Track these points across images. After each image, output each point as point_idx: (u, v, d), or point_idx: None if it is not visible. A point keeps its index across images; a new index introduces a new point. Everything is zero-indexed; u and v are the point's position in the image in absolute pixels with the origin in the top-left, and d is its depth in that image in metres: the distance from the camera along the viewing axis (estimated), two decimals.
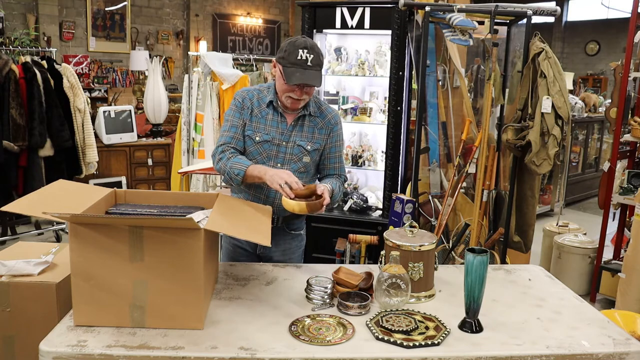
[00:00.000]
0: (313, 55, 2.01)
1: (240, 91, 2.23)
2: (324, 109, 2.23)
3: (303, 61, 2.00)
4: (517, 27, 3.40)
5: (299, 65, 2.00)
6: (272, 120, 2.15)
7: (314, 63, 2.01)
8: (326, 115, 2.21)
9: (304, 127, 2.17)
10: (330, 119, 2.22)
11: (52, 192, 1.88)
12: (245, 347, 1.50)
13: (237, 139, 2.15)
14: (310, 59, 2.00)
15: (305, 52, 2.00)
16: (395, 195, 3.12)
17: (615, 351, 1.56)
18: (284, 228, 2.26)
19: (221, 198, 1.92)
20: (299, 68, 2.00)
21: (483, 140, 3.24)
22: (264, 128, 2.15)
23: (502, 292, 1.95)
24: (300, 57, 2.00)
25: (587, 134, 7.01)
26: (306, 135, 2.18)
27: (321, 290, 1.80)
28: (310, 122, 2.18)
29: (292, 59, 2.01)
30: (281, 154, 2.16)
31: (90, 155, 4.73)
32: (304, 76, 2.01)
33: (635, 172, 3.92)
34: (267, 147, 2.15)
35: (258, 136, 2.14)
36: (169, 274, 1.57)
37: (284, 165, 2.16)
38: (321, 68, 2.08)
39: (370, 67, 3.59)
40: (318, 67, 2.04)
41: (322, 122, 2.20)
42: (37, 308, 1.83)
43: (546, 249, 4.53)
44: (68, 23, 8.54)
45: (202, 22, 10.26)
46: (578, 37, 12.71)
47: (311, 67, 2.01)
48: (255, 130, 2.15)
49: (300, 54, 2.00)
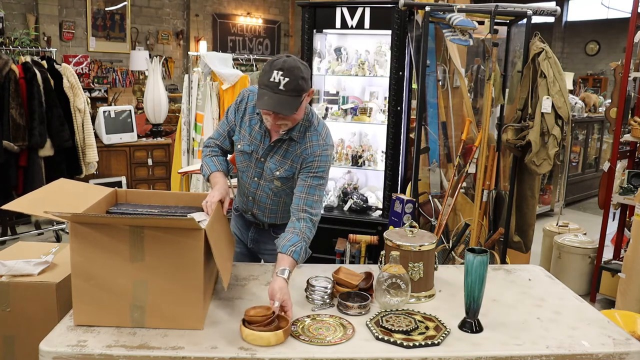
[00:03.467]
0: (289, 78, 1.77)
1: (246, 90, 2.11)
2: (309, 136, 1.98)
3: (275, 84, 1.77)
4: (517, 27, 3.40)
5: (270, 88, 1.78)
6: (258, 132, 2.02)
7: (287, 88, 1.77)
8: (305, 143, 1.97)
9: (280, 151, 2.00)
10: (307, 147, 1.97)
11: (52, 191, 1.88)
12: (245, 347, 1.50)
13: (224, 136, 2.12)
14: (283, 83, 1.76)
15: (279, 75, 1.77)
16: (395, 195, 3.12)
17: (615, 351, 1.56)
18: (270, 232, 2.22)
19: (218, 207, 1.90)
20: (268, 91, 1.78)
21: (483, 140, 3.24)
22: (248, 138, 2.04)
23: (502, 292, 1.95)
24: (272, 79, 1.77)
25: (587, 134, 7.01)
26: (279, 160, 2.00)
27: (321, 290, 1.80)
28: (289, 147, 1.99)
29: (265, 80, 1.79)
30: (258, 169, 2.06)
31: (90, 155, 4.73)
32: (271, 101, 1.78)
33: (635, 172, 3.92)
34: (245, 158, 2.07)
35: (240, 145, 2.07)
36: (169, 274, 1.57)
37: (260, 180, 2.07)
38: (299, 94, 1.82)
39: (370, 67, 3.59)
40: (293, 92, 1.79)
41: (299, 150, 1.98)
42: (37, 308, 1.84)
43: (546, 249, 4.53)
44: (68, 23, 8.54)
45: (202, 22, 10.26)
46: (578, 37, 12.71)
47: (283, 91, 1.77)
48: (240, 138, 2.07)
49: (274, 75, 1.77)
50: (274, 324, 1.56)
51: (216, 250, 1.62)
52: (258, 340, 1.50)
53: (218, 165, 2.09)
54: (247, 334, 1.52)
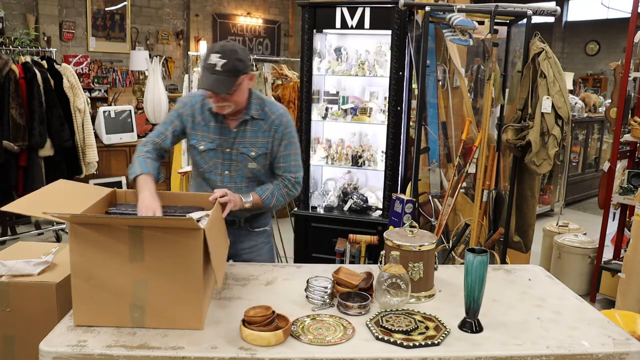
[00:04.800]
0: (226, 60, 1.89)
1: (186, 96, 2.17)
2: (268, 109, 2.11)
3: (212, 65, 1.90)
4: (517, 27, 3.40)
5: (207, 70, 1.91)
6: (215, 127, 2.08)
7: (224, 68, 1.89)
8: (269, 117, 2.10)
9: (247, 133, 2.09)
10: (274, 120, 2.10)
11: (52, 192, 1.88)
12: (245, 347, 1.50)
13: (165, 135, 2.10)
14: (220, 64, 1.89)
15: (216, 57, 1.90)
16: (395, 195, 3.12)
17: (615, 351, 1.56)
18: (247, 227, 2.24)
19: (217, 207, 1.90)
20: (206, 72, 1.92)
21: (483, 140, 3.24)
22: (208, 136, 2.09)
23: (502, 292, 1.95)
24: (210, 61, 1.91)
25: (587, 134, 7.01)
26: (249, 141, 2.09)
27: (321, 290, 1.80)
28: (253, 126, 2.09)
29: (204, 62, 1.93)
30: (227, 161, 2.11)
31: (90, 155, 4.73)
32: (208, 81, 1.91)
33: (635, 172, 3.92)
34: (212, 155, 2.10)
35: (202, 145, 2.09)
36: (169, 274, 1.57)
37: (231, 172, 2.11)
38: (235, 75, 1.93)
39: (370, 67, 3.59)
40: (230, 73, 1.91)
41: (266, 125, 2.10)
42: (37, 308, 1.84)
43: (546, 249, 4.53)
44: (68, 23, 8.54)
45: (202, 22, 10.26)
46: (578, 37, 12.71)
47: (219, 72, 1.89)
48: (199, 139, 2.09)
49: (212, 58, 1.91)
50: (274, 323, 1.56)
51: (214, 250, 1.62)
52: (258, 340, 1.50)
53: (150, 168, 2.01)
54: (247, 334, 1.52)
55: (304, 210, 3.67)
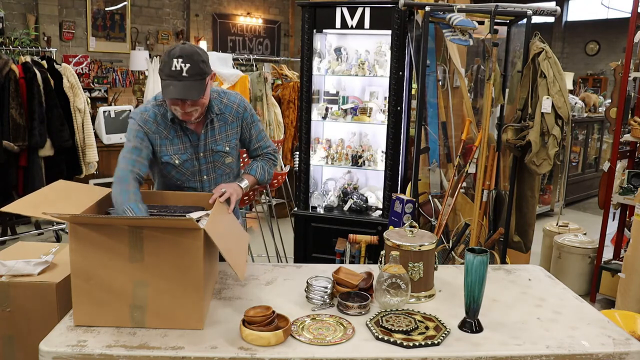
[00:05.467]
0: (190, 64, 1.83)
1: (139, 112, 2.02)
2: (227, 100, 2.11)
3: (177, 72, 1.83)
4: (517, 27, 3.40)
5: (173, 77, 1.84)
6: (183, 136, 2.04)
7: (190, 73, 1.84)
8: (232, 107, 2.11)
9: (215, 131, 2.08)
10: (236, 108, 2.12)
11: (52, 192, 1.88)
12: (245, 347, 1.50)
13: (140, 162, 1.97)
14: (185, 69, 1.83)
15: (179, 62, 1.83)
16: (395, 195, 3.12)
17: (615, 351, 1.56)
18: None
19: (217, 206, 1.90)
20: (173, 80, 1.84)
21: (483, 140, 3.24)
22: (179, 149, 2.04)
23: (502, 292, 1.95)
24: (174, 68, 1.83)
25: (587, 134, 7.01)
26: (220, 137, 2.09)
27: (321, 290, 1.80)
28: (219, 122, 2.08)
29: (167, 70, 1.84)
30: (203, 166, 2.10)
31: (90, 155, 4.73)
32: (177, 89, 1.84)
33: (635, 172, 3.92)
34: (188, 165, 2.08)
35: (177, 159, 2.05)
36: (169, 274, 1.57)
37: (209, 175, 2.11)
38: (203, 77, 1.89)
39: (370, 67, 3.59)
40: (197, 76, 1.86)
41: (231, 116, 2.11)
42: (37, 308, 1.83)
43: (546, 249, 4.53)
44: (68, 23, 8.54)
45: (202, 22, 10.26)
46: (578, 37, 12.71)
47: (187, 77, 1.84)
48: (171, 154, 2.04)
49: (175, 64, 1.83)
50: (274, 323, 1.56)
51: (224, 247, 1.62)
52: (258, 340, 1.50)
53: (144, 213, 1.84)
54: (247, 333, 1.52)
55: (304, 210, 3.67)
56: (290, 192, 5.27)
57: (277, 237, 4.32)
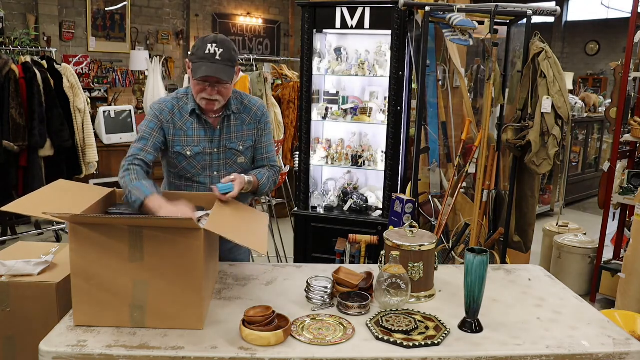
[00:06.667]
0: (223, 49, 1.93)
1: (157, 102, 2.09)
2: (247, 102, 2.15)
3: (211, 55, 1.92)
4: (517, 27, 3.40)
5: (207, 59, 1.92)
6: (198, 129, 2.06)
7: (223, 57, 1.93)
8: (251, 109, 2.14)
9: (231, 128, 2.10)
10: (255, 111, 2.15)
11: (52, 192, 1.88)
12: (245, 347, 1.50)
13: (146, 151, 2.00)
14: (219, 53, 1.92)
15: (214, 46, 1.93)
16: (395, 195, 3.12)
17: (615, 351, 1.56)
18: None
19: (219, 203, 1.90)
20: (206, 62, 1.92)
21: (483, 140, 3.24)
22: (193, 140, 2.06)
23: (502, 292, 1.95)
24: (208, 51, 1.92)
25: (587, 134, 7.01)
26: (235, 136, 2.11)
27: (321, 290, 1.80)
28: (236, 120, 2.11)
29: (200, 53, 1.93)
30: (215, 162, 2.10)
31: (90, 155, 4.73)
32: (210, 69, 1.92)
33: (635, 172, 3.92)
34: (200, 159, 2.08)
35: (189, 150, 2.06)
36: (169, 274, 1.57)
37: (219, 172, 2.11)
38: (233, 64, 1.98)
39: (370, 67, 3.59)
40: (229, 62, 1.95)
41: (249, 117, 2.14)
42: (37, 308, 1.83)
43: (546, 249, 4.53)
44: (68, 23, 8.54)
45: (202, 22, 10.26)
46: (578, 37, 12.71)
47: (220, 61, 1.93)
48: (184, 145, 2.06)
49: (209, 47, 1.92)
50: (274, 323, 1.56)
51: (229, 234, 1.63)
52: (258, 340, 1.50)
53: (152, 188, 1.86)
54: (247, 333, 1.52)
55: (304, 210, 3.67)
56: (290, 192, 5.27)
57: (277, 237, 4.32)
